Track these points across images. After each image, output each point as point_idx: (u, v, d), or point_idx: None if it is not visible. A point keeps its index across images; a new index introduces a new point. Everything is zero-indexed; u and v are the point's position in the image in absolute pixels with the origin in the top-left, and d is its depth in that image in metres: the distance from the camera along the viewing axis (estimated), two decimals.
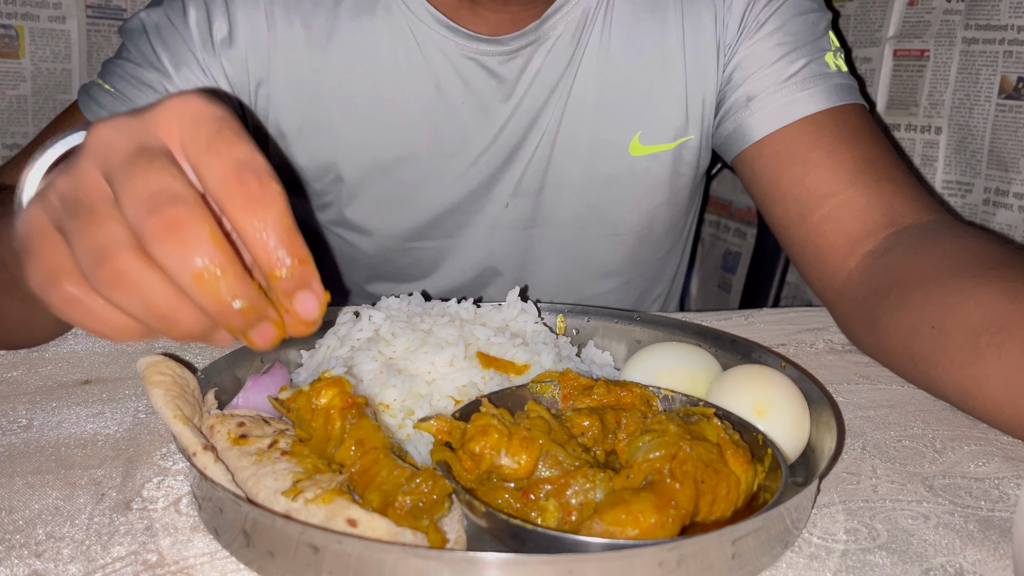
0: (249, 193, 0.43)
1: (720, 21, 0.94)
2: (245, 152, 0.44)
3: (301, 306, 0.44)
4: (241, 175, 0.43)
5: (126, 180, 0.43)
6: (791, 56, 0.92)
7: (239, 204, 0.43)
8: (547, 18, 0.91)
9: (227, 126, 0.45)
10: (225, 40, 0.89)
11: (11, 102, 1.39)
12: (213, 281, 0.42)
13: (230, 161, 0.43)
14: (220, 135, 0.44)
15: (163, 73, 0.88)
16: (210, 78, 0.90)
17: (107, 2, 1.42)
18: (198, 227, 0.42)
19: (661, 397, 0.60)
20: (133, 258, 0.42)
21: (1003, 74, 1.13)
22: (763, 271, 1.35)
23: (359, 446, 0.51)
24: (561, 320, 0.78)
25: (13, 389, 0.71)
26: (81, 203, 0.44)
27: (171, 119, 0.45)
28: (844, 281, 0.84)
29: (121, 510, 0.54)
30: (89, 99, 0.89)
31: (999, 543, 0.52)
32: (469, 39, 0.90)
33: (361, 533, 0.45)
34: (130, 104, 0.87)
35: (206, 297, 0.42)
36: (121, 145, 0.44)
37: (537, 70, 0.93)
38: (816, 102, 0.90)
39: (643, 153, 0.98)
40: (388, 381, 0.61)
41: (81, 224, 0.43)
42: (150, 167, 0.43)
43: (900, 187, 0.86)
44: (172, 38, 0.88)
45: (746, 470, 0.51)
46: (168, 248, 0.42)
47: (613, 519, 0.46)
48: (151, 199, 0.42)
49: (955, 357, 0.68)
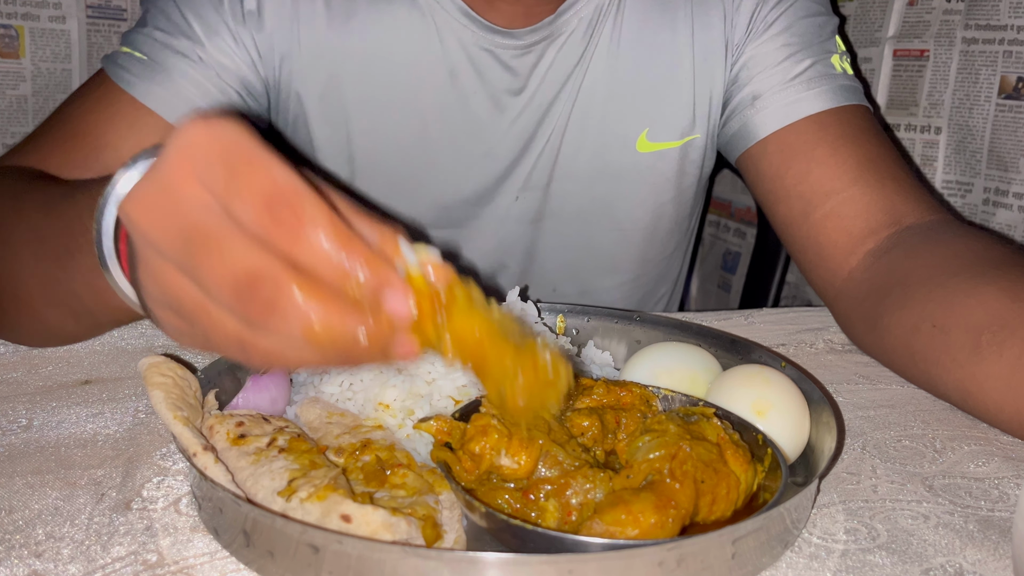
0: (287, 227, 0.41)
1: (729, 21, 0.95)
2: (266, 183, 0.42)
3: (391, 306, 0.43)
4: (273, 212, 0.41)
5: (197, 267, 0.42)
6: (797, 56, 0.92)
7: (285, 242, 0.41)
8: (561, 13, 0.91)
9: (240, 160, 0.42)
10: (253, 12, 0.89)
11: (11, 102, 1.39)
12: (325, 335, 0.41)
13: (258, 200, 0.41)
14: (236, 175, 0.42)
15: (195, 41, 0.88)
16: (241, 47, 0.90)
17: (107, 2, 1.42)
18: (291, 296, 0.41)
19: (661, 397, 0.60)
20: (254, 338, 0.42)
21: (1003, 74, 1.13)
22: (763, 271, 1.35)
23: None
24: (561, 320, 0.78)
25: (13, 389, 0.71)
26: (183, 304, 0.43)
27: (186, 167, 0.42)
28: (845, 280, 0.85)
29: (121, 510, 0.54)
30: (119, 68, 0.87)
31: (999, 543, 0.52)
32: (486, 30, 0.91)
33: (355, 527, 0.45)
34: (164, 72, 0.86)
35: (328, 348, 0.42)
36: (163, 222, 0.42)
37: (549, 65, 0.93)
38: (821, 101, 0.90)
39: (650, 150, 0.98)
40: (388, 381, 0.61)
41: (198, 326, 0.43)
42: (211, 247, 0.41)
43: (903, 187, 0.86)
44: (203, 7, 0.88)
45: (746, 470, 0.51)
46: (275, 325, 0.41)
47: (613, 519, 0.46)
48: (235, 288, 0.41)
49: (956, 356, 0.68)
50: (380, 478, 0.52)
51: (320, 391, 0.63)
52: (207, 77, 0.88)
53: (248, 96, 0.92)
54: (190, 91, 0.87)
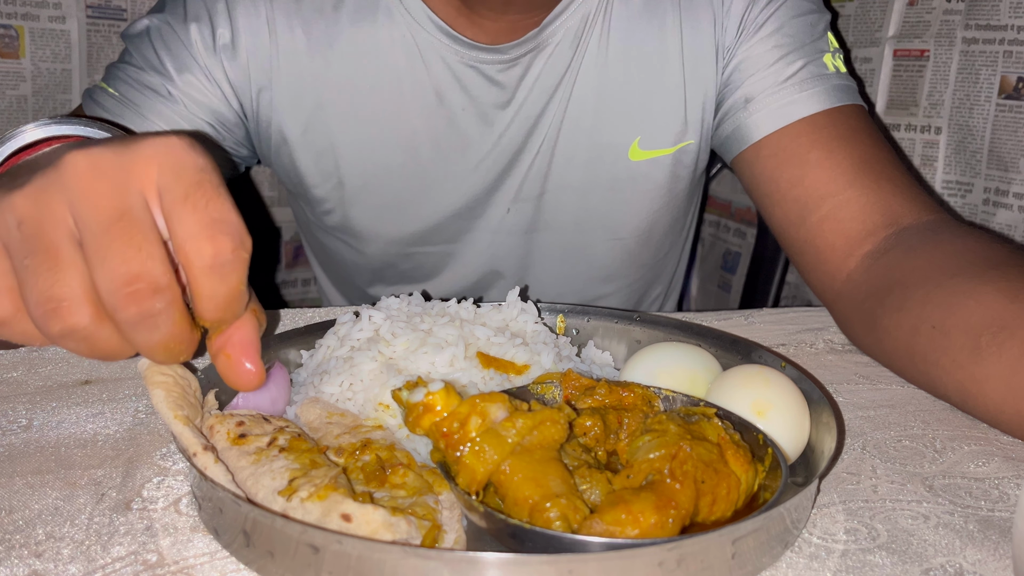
0: (218, 255, 0.44)
1: (719, 24, 0.94)
2: (221, 210, 0.44)
3: (238, 371, 0.48)
4: (214, 235, 0.44)
5: (105, 245, 0.43)
6: (789, 58, 0.92)
7: (205, 264, 0.44)
8: (546, 25, 0.91)
9: (207, 179, 0.45)
10: (227, 46, 0.89)
11: (11, 102, 1.39)
12: (175, 356, 0.46)
13: (205, 218, 0.44)
14: (199, 188, 0.44)
15: (166, 77, 0.88)
16: (212, 82, 0.90)
17: (107, 2, 1.42)
18: (170, 319, 0.44)
19: (663, 398, 0.60)
20: (90, 317, 0.44)
21: (1003, 74, 1.13)
22: (763, 271, 1.35)
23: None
24: (561, 320, 0.78)
25: (13, 389, 0.71)
26: (42, 237, 0.44)
27: (151, 163, 0.45)
28: (844, 282, 0.84)
29: (121, 510, 0.54)
30: (92, 102, 0.89)
31: (999, 543, 0.52)
32: (469, 47, 0.90)
33: (356, 526, 0.45)
34: (133, 108, 0.88)
35: (163, 360, 0.47)
36: (100, 192, 0.44)
37: (536, 77, 0.93)
38: (814, 103, 0.90)
39: (643, 158, 0.98)
40: (388, 381, 0.61)
41: (39, 263, 0.43)
42: (133, 239, 0.43)
43: (899, 187, 0.86)
44: (174, 43, 0.89)
45: (746, 470, 0.51)
46: (138, 331, 0.44)
47: (613, 519, 0.46)
48: (131, 282, 0.43)
49: (955, 357, 0.68)
50: (380, 478, 0.52)
51: (320, 391, 0.63)
52: (177, 112, 0.89)
53: (221, 128, 0.93)
54: (159, 126, 0.89)
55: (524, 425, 0.50)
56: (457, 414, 0.50)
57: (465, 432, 0.50)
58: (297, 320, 0.86)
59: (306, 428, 0.59)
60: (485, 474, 0.49)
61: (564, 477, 0.49)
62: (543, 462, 0.49)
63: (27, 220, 0.44)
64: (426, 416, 0.51)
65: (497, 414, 0.50)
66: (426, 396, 0.51)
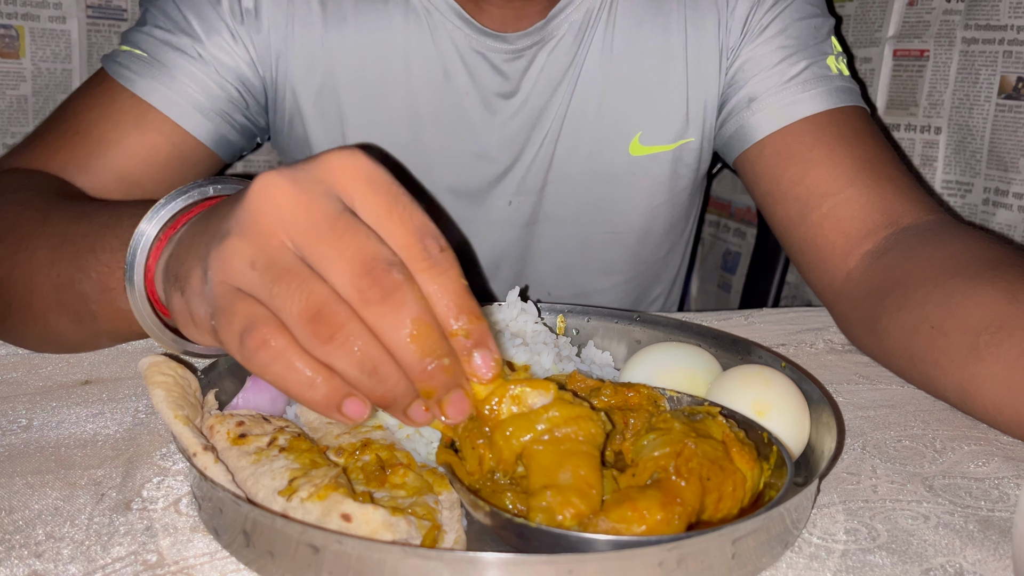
0: (432, 259, 0.46)
1: (723, 25, 0.95)
2: (423, 220, 0.47)
3: (479, 363, 0.47)
4: (424, 242, 0.46)
5: (333, 244, 0.44)
6: (793, 59, 0.92)
7: (423, 268, 0.46)
8: (551, 18, 0.92)
9: (402, 192, 0.47)
10: (251, 11, 0.90)
11: (11, 102, 1.39)
12: (425, 338, 0.45)
13: (412, 228, 0.46)
14: (399, 202, 0.47)
15: (195, 38, 0.89)
16: (240, 45, 0.91)
17: (107, 2, 1.42)
18: (413, 291, 0.45)
19: (668, 398, 0.60)
20: (350, 315, 0.44)
21: (1003, 74, 1.13)
22: (763, 271, 1.35)
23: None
24: (561, 320, 0.78)
25: (13, 389, 0.71)
26: (276, 265, 0.45)
27: (347, 179, 0.46)
28: (844, 281, 0.84)
29: (121, 510, 0.54)
30: (120, 66, 0.88)
31: (999, 543, 0.52)
32: (478, 32, 0.91)
33: (356, 526, 0.45)
34: (163, 69, 0.88)
35: (417, 354, 0.45)
36: (308, 206, 0.45)
37: (540, 70, 0.94)
38: (817, 103, 0.90)
39: (643, 153, 0.99)
40: None
41: (284, 288, 0.44)
42: (358, 231, 0.45)
43: (900, 187, 0.86)
44: (202, 6, 0.89)
45: (752, 467, 0.51)
46: (386, 310, 0.44)
47: (619, 516, 0.46)
48: (368, 263, 0.44)
49: (954, 357, 0.68)
50: (380, 478, 0.52)
51: None
52: (207, 74, 0.89)
53: (247, 94, 0.93)
54: (191, 88, 0.88)
55: (559, 416, 0.50)
56: (496, 393, 0.51)
57: (498, 413, 0.50)
58: None
59: (306, 428, 0.59)
60: (511, 455, 0.50)
61: (578, 473, 0.48)
62: (568, 454, 0.49)
63: (255, 257, 0.46)
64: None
65: (536, 400, 0.51)
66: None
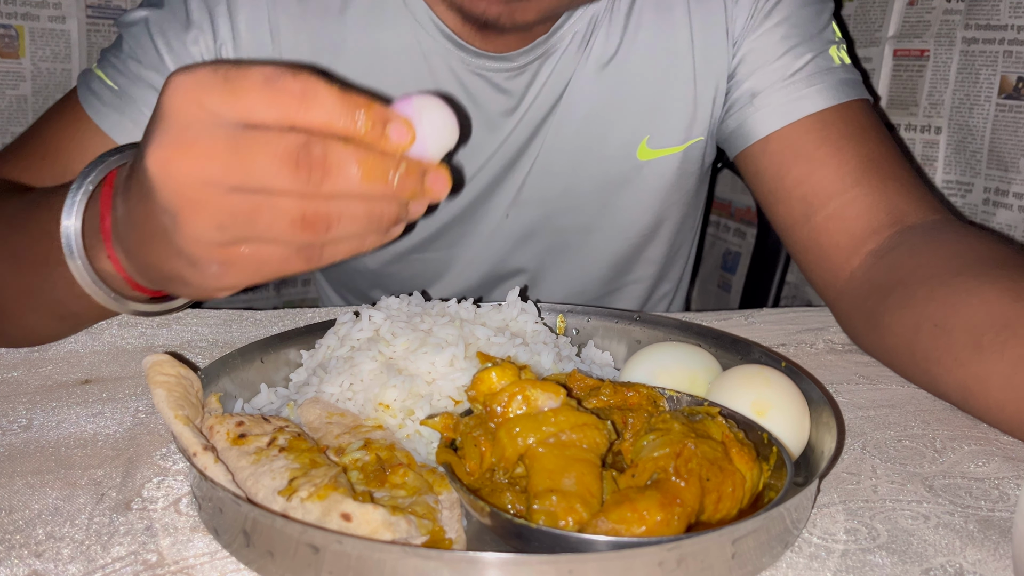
0: (298, 107, 0.47)
1: (729, 16, 0.92)
2: (254, 82, 0.47)
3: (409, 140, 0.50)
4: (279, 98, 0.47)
5: (255, 169, 0.47)
6: (797, 51, 0.90)
7: (304, 119, 0.47)
8: (555, 31, 0.89)
9: (228, 83, 0.48)
10: (228, 48, 0.88)
11: (11, 102, 1.39)
12: (374, 167, 0.48)
13: (261, 96, 0.47)
14: (233, 89, 0.48)
15: (165, 75, 0.88)
16: None
17: (107, 2, 1.42)
18: (336, 149, 0.47)
19: (667, 398, 0.60)
20: (318, 202, 0.48)
21: (1003, 74, 1.13)
22: (763, 271, 1.35)
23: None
24: (561, 320, 0.78)
25: (13, 389, 0.71)
26: (235, 217, 0.48)
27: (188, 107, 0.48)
28: (847, 280, 0.84)
29: (121, 510, 0.54)
30: (91, 94, 0.87)
31: (999, 543, 0.52)
32: (475, 55, 0.88)
33: (356, 526, 0.45)
34: (132, 103, 0.87)
35: (380, 180, 0.48)
36: (206, 154, 0.48)
37: (544, 82, 0.92)
38: (822, 99, 0.89)
39: (651, 157, 0.97)
40: (388, 381, 0.61)
41: (256, 220, 0.48)
42: (255, 140, 0.47)
43: (904, 186, 0.86)
44: (176, 42, 0.87)
45: (751, 468, 0.51)
46: (331, 179, 0.47)
47: (619, 517, 0.46)
48: (289, 160, 0.47)
49: (957, 355, 0.68)
50: (380, 478, 0.52)
51: (320, 391, 0.63)
52: None
53: None
54: None
55: (565, 421, 0.50)
56: (508, 390, 0.51)
57: (506, 411, 0.51)
58: (297, 320, 0.86)
59: (306, 428, 0.59)
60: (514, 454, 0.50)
61: (583, 480, 0.48)
62: (572, 460, 0.49)
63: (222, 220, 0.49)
64: (481, 385, 0.54)
65: (545, 403, 0.51)
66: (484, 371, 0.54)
